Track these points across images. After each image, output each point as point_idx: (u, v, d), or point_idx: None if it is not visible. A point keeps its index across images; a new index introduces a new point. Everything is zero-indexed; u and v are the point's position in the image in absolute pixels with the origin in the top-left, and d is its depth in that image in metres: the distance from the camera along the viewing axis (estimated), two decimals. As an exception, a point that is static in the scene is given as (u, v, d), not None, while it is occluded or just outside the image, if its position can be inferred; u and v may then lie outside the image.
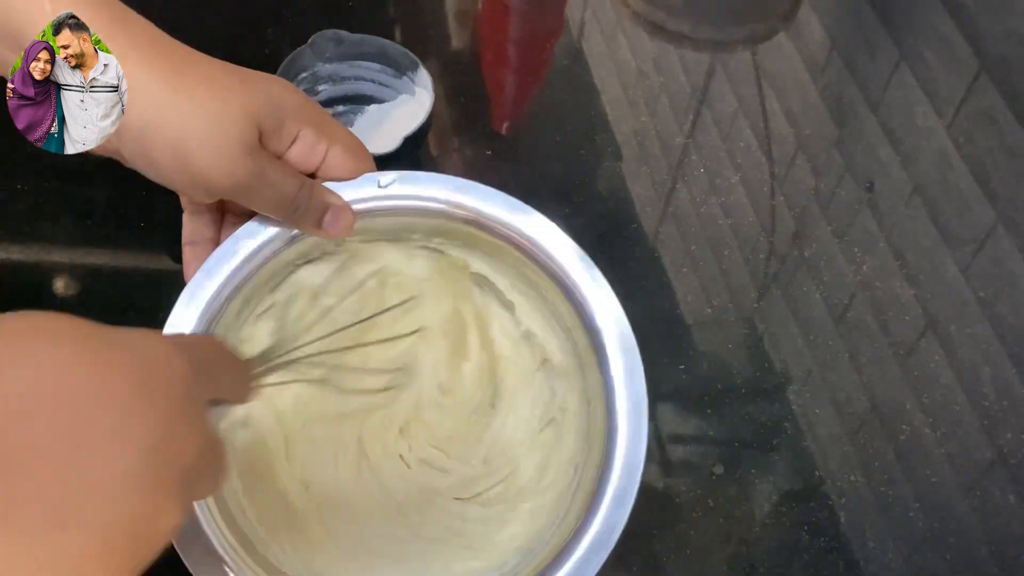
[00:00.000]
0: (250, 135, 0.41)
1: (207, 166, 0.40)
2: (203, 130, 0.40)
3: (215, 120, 0.40)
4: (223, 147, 0.40)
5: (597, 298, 0.46)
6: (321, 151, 0.45)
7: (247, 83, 0.42)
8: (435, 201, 0.48)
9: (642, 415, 0.43)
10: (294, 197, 0.44)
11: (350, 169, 0.46)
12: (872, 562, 0.52)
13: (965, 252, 0.65)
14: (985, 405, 0.58)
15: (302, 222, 0.45)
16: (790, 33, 0.79)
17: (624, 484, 0.42)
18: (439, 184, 0.48)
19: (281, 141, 0.44)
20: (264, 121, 0.42)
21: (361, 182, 0.47)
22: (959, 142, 0.71)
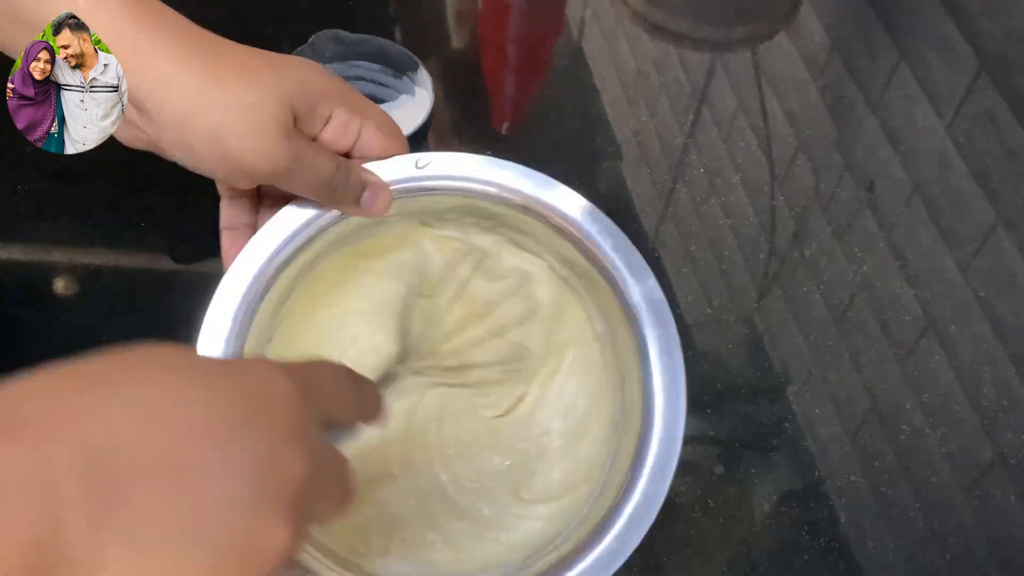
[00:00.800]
0: (285, 120, 0.42)
1: (246, 152, 0.41)
2: (240, 118, 0.41)
3: (251, 108, 0.41)
4: (260, 133, 0.41)
5: (638, 286, 0.47)
6: (354, 130, 0.46)
7: (279, 69, 0.43)
8: (469, 181, 0.48)
9: (679, 387, 0.44)
10: (332, 177, 0.44)
11: (384, 147, 0.47)
12: (872, 562, 0.52)
13: (965, 252, 0.65)
14: (985, 405, 0.58)
15: (341, 202, 0.46)
16: (790, 33, 0.79)
17: (664, 454, 0.43)
18: (473, 163, 0.48)
19: (315, 123, 0.44)
20: (297, 105, 0.43)
21: (398, 165, 0.47)
22: (959, 142, 0.71)
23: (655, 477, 0.42)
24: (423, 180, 0.48)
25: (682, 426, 0.44)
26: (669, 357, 0.45)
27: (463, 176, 0.48)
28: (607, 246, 0.47)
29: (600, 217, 0.48)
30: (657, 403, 0.44)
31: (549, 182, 0.49)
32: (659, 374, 0.45)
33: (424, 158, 0.48)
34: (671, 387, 0.44)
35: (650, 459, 0.43)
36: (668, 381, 0.45)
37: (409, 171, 0.47)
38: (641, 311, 0.46)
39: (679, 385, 0.44)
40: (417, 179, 0.48)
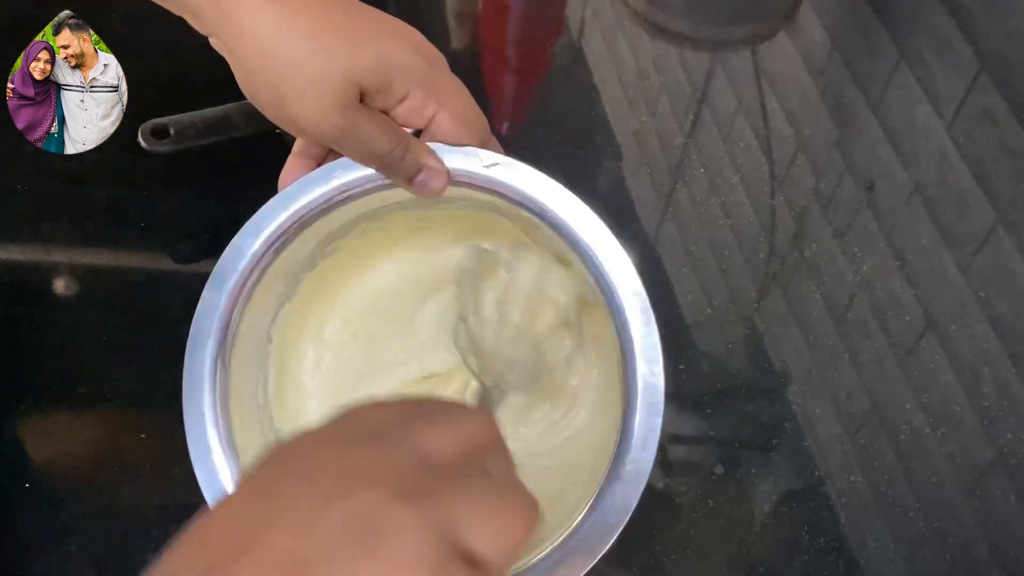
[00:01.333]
0: (346, 95, 0.43)
1: (300, 116, 0.43)
2: (301, 85, 0.42)
3: (314, 78, 0.42)
4: (317, 103, 0.42)
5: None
6: (428, 114, 0.46)
7: (358, 41, 0.43)
8: (526, 199, 0.48)
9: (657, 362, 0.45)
10: (386, 154, 0.45)
11: (455, 135, 0.47)
12: (872, 562, 0.52)
13: (965, 252, 0.65)
14: (985, 405, 0.58)
15: (394, 176, 0.47)
16: (790, 33, 0.79)
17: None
18: (536, 181, 0.48)
19: (389, 99, 0.45)
20: (368, 81, 0.43)
21: (465, 156, 0.48)
22: (959, 142, 0.71)
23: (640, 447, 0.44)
24: (485, 180, 0.48)
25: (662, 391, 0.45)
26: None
27: (523, 193, 0.48)
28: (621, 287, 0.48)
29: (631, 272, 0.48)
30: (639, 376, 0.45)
31: (604, 232, 0.49)
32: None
33: (490, 158, 0.48)
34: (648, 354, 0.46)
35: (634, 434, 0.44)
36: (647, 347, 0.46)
37: (472, 166, 0.48)
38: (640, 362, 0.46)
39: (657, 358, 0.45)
40: (479, 176, 0.48)
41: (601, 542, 0.43)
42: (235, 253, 0.46)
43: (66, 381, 0.56)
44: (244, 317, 0.47)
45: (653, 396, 0.44)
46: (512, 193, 0.48)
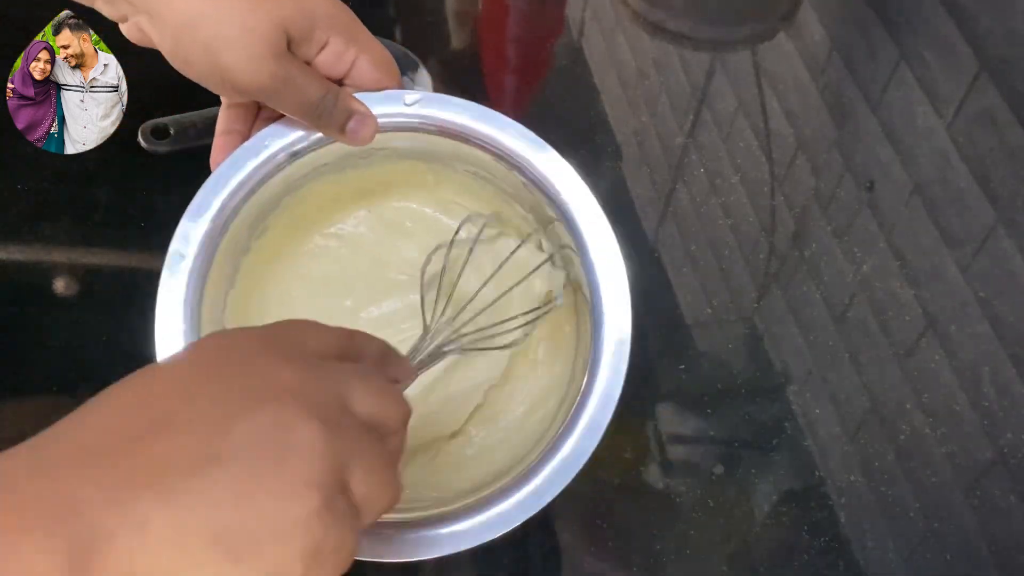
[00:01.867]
0: (277, 41, 0.43)
1: (235, 68, 0.43)
2: (233, 35, 0.42)
3: (244, 26, 0.43)
4: (250, 51, 0.43)
5: (597, 237, 0.48)
6: (349, 60, 0.47)
7: None
8: (457, 126, 0.49)
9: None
10: (318, 102, 0.46)
11: (376, 79, 0.48)
12: (872, 562, 0.52)
13: (965, 252, 0.65)
14: (985, 405, 0.58)
15: (326, 126, 0.47)
16: (790, 33, 0.79)
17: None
18: (462, 109, 0.49)
19: (310, 47, 0.45)
20: (293, 28, 0.44)
21: (387, 98, 0.48)
22: (959, 142, 0.71)
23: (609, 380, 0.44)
24: (411, 118, 0.48)
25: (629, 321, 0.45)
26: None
27: (450, 120, 0.48)
28: (574, 205, 0.49)
29: (583, 189, 0.49)
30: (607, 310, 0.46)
31: (536, 141, 0.49)
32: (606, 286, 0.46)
33: (412, 95, 0.48)
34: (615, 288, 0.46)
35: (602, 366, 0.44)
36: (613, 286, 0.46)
37: (397, 107, 0.48)
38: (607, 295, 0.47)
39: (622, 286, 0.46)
40: (406, 115, 0.48)
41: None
42: (182, 240, 0.45)
43: (66, 381, 0.56)
44: (203, 307, 0.46)
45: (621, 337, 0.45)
46: (449, 126, 0.48)
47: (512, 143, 0.48)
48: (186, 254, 0.45)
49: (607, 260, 0.47)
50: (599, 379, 0.44)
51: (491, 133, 0.48)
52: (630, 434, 0.56)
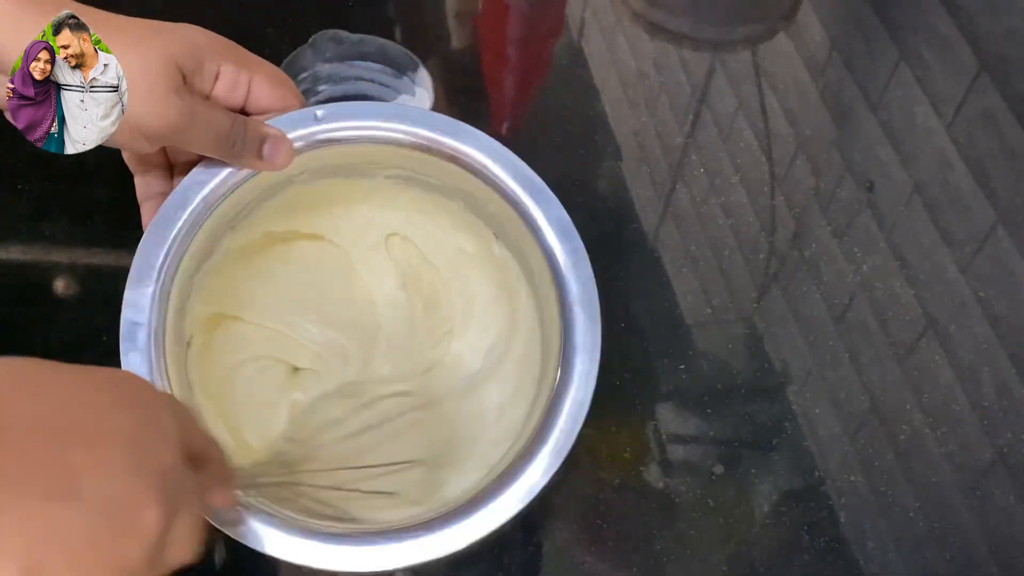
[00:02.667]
0: (174, 78, 0.42)
1: (140, 113, 0.42)
2: (130, 83, 0.41)
3: (138, 69, 0.41)
4: (151, 91, 0.42)
5: (544, 209, 0.48)
6: (244, 83, 0.46)
7: (161, 32, 0.43)
8: (374, 129, 0.48)
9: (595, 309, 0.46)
10: (229, 131, 0.45)
11: (276, 96, 0.47)
12: (872, 562, 0.52)
13: (965, 252, 0.65)
14: (985, 405, 0.58)
15: (243, 156, 0.46)
16: (790, 33, 0.79)
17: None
18: (373, 112, 0.48)
19: (204, 80, 0.45)
20: (184, 62, 0.43)
21: (298, 119, 0.47)
22: (959, 142, 0.71)
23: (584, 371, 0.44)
24: (325, 132, 0.48)
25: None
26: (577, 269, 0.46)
27: (363, 125, 0.48)
28: (510, 177, 0.48)
29: (505, 153, 0.49)
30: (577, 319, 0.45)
31: (453, 123, 0.49)
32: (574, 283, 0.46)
33: (322, 108, 0.48)
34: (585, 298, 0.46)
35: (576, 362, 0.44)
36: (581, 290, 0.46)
37: (309, 124, 0.47)
38: (549, 233, 0.47)
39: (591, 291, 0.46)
40: (320, 132, 0.48)
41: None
42: (132, 309, 0.45)
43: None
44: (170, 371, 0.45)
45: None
46: (368, 132, 0.48)
47: (429, 132, 0.48)
48: (141, 321, 0.44)
49: (563, 241, 0.47)
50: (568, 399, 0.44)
51: (408, 128, 0.48)
52: (630, 434, 0.56)
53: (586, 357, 0.44)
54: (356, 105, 0.49)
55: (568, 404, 0.43)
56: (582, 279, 0.46)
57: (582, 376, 0.44)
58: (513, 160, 0.48)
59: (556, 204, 0.47)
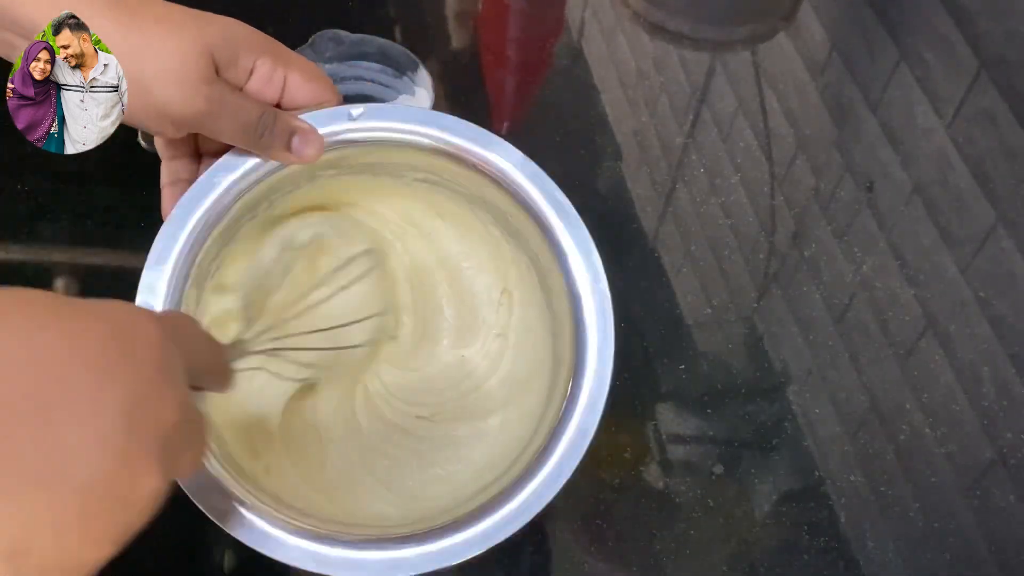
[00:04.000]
0: (206, 66, 0.42)
1: (167, 98, 0.42)
2: (160, 64, 0.41)
3: (171, 54, 0.41)
4: (180, 78, 0.42)
5: (572, 234, 0.48)
6: (280, 79, 0.46)
7: (199, 19, 0.43)
8: (408, 133, 0.48)
9: (607, 318, 0.45)
10: (257, 122, 0.45)
11: (312, 94, 0.47)
12: (872, 562, 0.52)
13: (965, 252, 0.65)
14: (985, 405, 0.58)
15: (271, 148, 0.46)
16: (790, 33, 0.79)
17: (595, 389, 0.44)
18: (409, 115, 0.48)
19: (239, 73, 0.45)
20: (219, 53, 0.43)
21: (333, 115, 0.47)
22: (959, 142, 0.71)
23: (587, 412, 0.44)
24: (359, 132, 0.47)
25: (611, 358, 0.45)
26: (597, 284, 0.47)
27: (398, 128, 0.48)
28: (538, 195, 0.48)
29: (532, 167, 0.48)
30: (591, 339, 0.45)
31: (486, 135, 0.48)
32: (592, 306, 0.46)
33: (357, 108, 0.47)
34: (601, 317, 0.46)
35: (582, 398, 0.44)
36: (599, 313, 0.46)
37: (343, 121, 0.47)
38: (571, 255, 0.47)
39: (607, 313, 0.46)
40: (353, 130, 0.47)
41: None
42: (147, 292, 0.44)
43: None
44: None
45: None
46: (398, 134, 0.48)
47: (461, 141, 0.48)
48: (154, 304, 0.44)
49: (582, 255, 0.47)
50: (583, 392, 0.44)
51: (441, 135, 0.48)
52: (630, 434, 0.56)
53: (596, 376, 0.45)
54: (392, 107, 0.48)
55: (575, 423, 0.44)
56: (601, 309, 0.46)
57: (592, 394, 0.44)
58: (543, 178, 0.48)
59: (582, 228, 0.48)
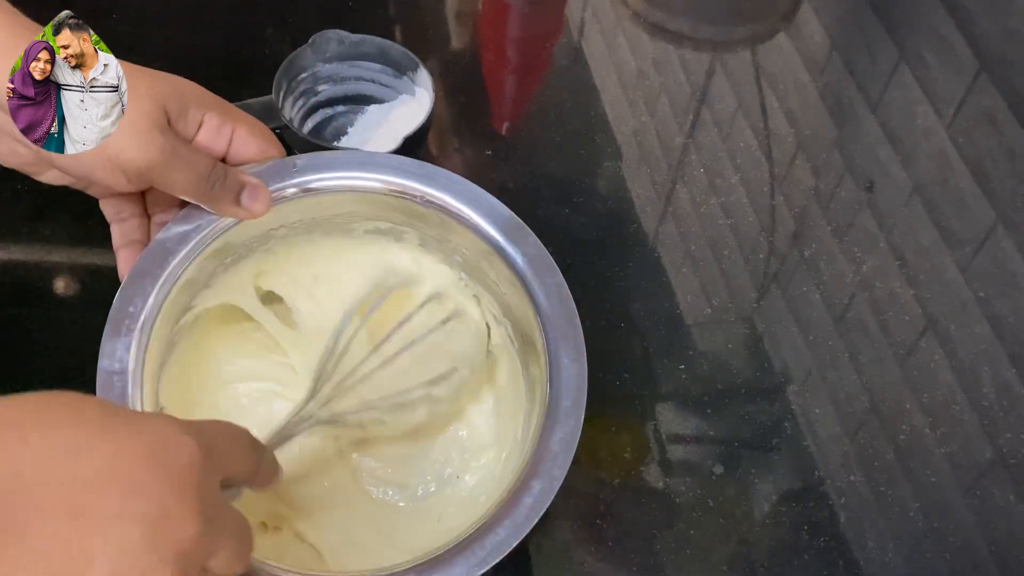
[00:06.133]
0: (158, 116, 0.43)
1: (121, 145, 0.42)
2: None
3: (127, 105, 0.42)
4: (133, 126, 0.42)
5: (520, 248, 0.48)
6: (227, 133, 0.47)
7: (150, 75, 0.44)
8: (353, 179, 0.49)
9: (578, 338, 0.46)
10: (209, 173, 0.45)
11: (258, 147, 0.48)
12: (872, 562, 0.52)
13: (965, 252, 0.65)
14: (985, 405, 0.58)
15: (221, 201, 0.46)
16: (790, 33, 0.79)
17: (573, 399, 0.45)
18: (349, 161, 0.49)
19: (188, 125, 0.45)
20: (170, 105, 0.44)
21: (277, 169, 0.48)
22: (959, 142, 0.71)
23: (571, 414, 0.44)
24: (303, 183, 0.48)
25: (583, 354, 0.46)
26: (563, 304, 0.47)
27: (340, 175, 0.49)
28: (485, 218, 0.49)
29: (480, 193, 0.49)
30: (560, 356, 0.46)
31: (430, 169, 0.49)
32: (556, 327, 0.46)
33: (301, 158, 0.48)
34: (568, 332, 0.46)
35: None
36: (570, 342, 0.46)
37: (287, 175, 0.48)
38: (527, 274, 0.47)
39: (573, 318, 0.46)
40: (298, 183, 0.48)
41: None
42: (110, 359, 0.44)
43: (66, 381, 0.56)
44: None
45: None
46: (345, 181, 0.49)
47: (402, 180, 0.49)
48: (119, 370, 0.43)
49: (544, 276, 0.47)
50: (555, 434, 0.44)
51: (384, 176, 0.49)
52: (630, 434, 0.56)
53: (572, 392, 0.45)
54: (333, 155, 0.49)
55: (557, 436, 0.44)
56: (566, 315, 0.46)
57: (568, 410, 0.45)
58: (489, 200, 0.49)
59: (533, 238, 0.48)
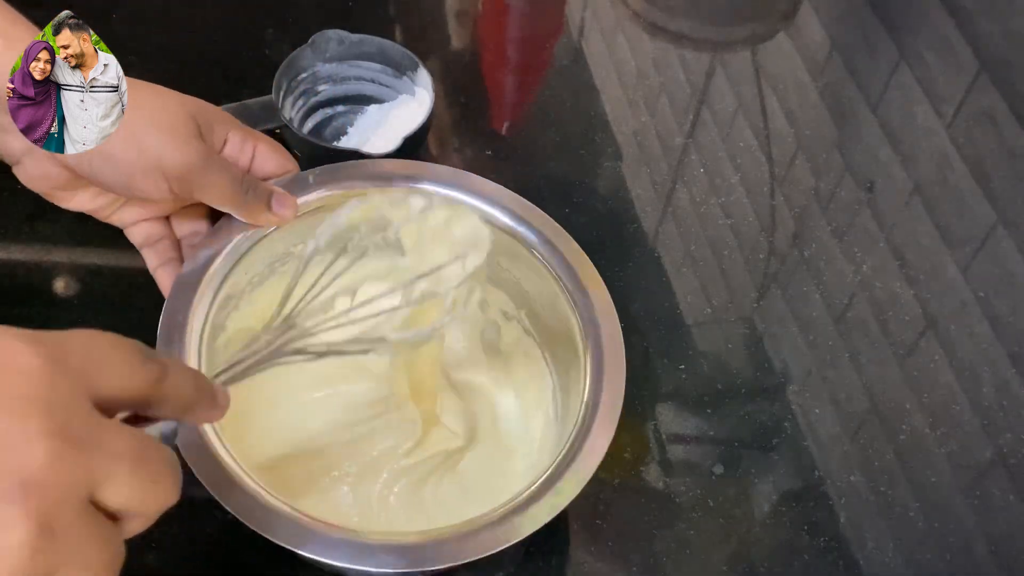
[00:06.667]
0: (194, 126, 0.46)
1: (160, 148, 0.44)
2: (151, 117, 0.44)
3: (160, 109, 0.45)
4: (174, 131, 0.45)
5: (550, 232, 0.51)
6: (250, 149, 0.49)
7: (176, 93, 0.47)
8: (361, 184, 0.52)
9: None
10: (242, 180, 0.48)
11: (277, 163, 0.51)
12: (872, 562, 0.52)
13: (965, 252, 0.65)
14: (985, 405, 0.58)
15: (253, 205, 0.48)
16: (790, 33, 0.79)
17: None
18: (356, 167, 0.52)
19: (215, 140, 0.48)
20: (199, 119, 0.46)
21: (293, 182, 0.51)
22: (959, 142, 0.71)
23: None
24: (320, 195, 0.51)
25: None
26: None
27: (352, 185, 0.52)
28: (513, 212, 0.51)
29: (509, 195, 0.51)
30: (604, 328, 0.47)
31: (437, 170, 0.52)
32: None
33: (313, 173, 0.51)
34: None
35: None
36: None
37: (305, 190, 0.51)
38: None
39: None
40: (313, 193, 0.51)
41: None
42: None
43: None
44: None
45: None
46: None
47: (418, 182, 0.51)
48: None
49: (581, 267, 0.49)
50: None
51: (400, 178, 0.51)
52: (630, 434, 0.56)
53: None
54: (345, 166, 0.52)
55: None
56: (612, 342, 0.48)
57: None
58: (521, 201, 0.51)
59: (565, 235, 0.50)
